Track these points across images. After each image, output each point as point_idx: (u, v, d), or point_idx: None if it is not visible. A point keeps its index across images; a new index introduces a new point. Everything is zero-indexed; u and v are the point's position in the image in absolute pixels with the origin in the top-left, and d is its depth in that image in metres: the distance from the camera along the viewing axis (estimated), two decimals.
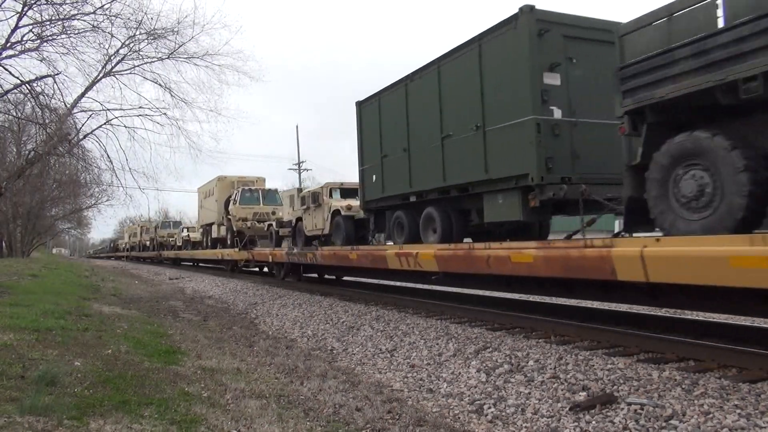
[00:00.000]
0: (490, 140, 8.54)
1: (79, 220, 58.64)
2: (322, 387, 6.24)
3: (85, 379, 5.30)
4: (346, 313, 10.93)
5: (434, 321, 9.27)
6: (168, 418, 4.46)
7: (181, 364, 6.82)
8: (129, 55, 18.06)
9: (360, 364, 7.67)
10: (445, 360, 7.05)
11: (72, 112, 17.63)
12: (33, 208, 38.21)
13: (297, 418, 4.97)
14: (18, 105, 17.82)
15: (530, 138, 7.73)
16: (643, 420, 4.54)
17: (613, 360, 6.05)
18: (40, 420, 3.98)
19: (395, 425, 4.99)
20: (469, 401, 5.64)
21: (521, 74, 7.90)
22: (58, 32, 15.35)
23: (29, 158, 20.06)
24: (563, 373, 5.88)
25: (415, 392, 6.17)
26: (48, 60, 15.58)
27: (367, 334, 9.05)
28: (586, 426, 4.65)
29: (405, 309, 10.83)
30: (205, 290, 19.11)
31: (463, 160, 9.19)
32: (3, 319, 7.93)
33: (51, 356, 6.13)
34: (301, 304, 12.89)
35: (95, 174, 21.36)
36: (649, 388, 5.12)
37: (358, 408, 5.46)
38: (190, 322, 11.38)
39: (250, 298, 15.42)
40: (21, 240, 43.24)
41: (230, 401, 5.33)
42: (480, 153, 8.70)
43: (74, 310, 10.22)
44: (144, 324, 10.07)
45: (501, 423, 5.06)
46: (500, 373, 6.22)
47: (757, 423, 4.23)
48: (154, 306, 13.96)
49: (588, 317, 8.68)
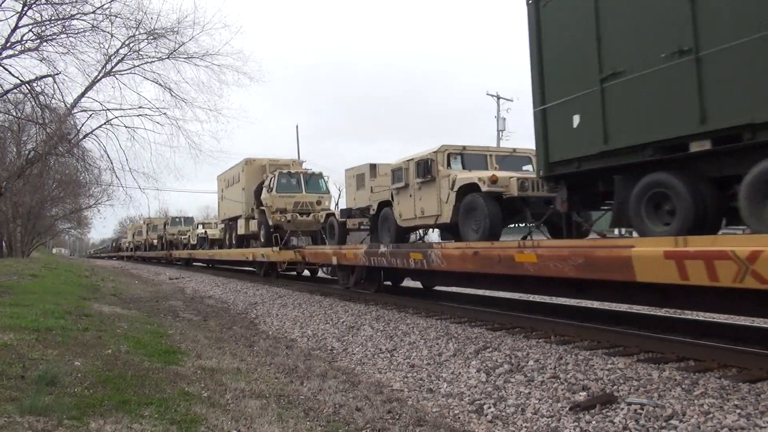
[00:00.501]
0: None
1: (79, 220, 58.64)
2: (322, 387, 6.24)
3: (85, 379, 5.30)
4: (346, 313, 10.93)
5: (434, 321, 9.27)
6: (168, 418, 4.46)
7: (181, 364, 6.82)
8: (129, 55, 18.14)
9: (360, 364, 7.67)
10: (445, 360, 7.05)
11: (72, 112, 17.67)
12: (33, 208, 38.23)
13: (297, 418, 4.97)
14: (18, 105, 17.86)
15: None
16: (643, 420, 4.54)
17: (613, 360, 6.05)
18: (40, 420, 3.98)
19: (395, 425, 4.99)
20: (469, 401, 5.64)
21: None
22: (57, 32, 15.41)
23: (29, 158, 20.09)
24: (563, 373, 5.89)
25: (415, 392, 6.17)
26: (48, 60, 15.63)
27: (367, 334, 9.05)
28: (586, 426, 4.66)
29: (405, 309, 10.83)
30: (205, 290, 19.10)
31: None
32: (3, 319, 7.93)
33: (51, 356, 6.13)
34: (301, 304, 12.89)
35: (95, 174, 21.43)
36: (649, 388, 5.12)
37: (358, 408, 5.46)
38: (190, 322, 11.38)
39: (250, 298, 15.41)
40: (21, 240, 43.25)
41: (230, 401, 5.33)
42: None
43: (74, 310, 10.21)
44: (144, 324, 10.07)
45: (501, 423, 5.06)
46: (500, 373, 6.22)
47: (757, 423, 4.23)
48: (154, 306, 13.95)
49: (588, 317, 8.69)
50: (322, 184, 19.33)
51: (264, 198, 18.95)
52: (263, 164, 20.68)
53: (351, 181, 14.57)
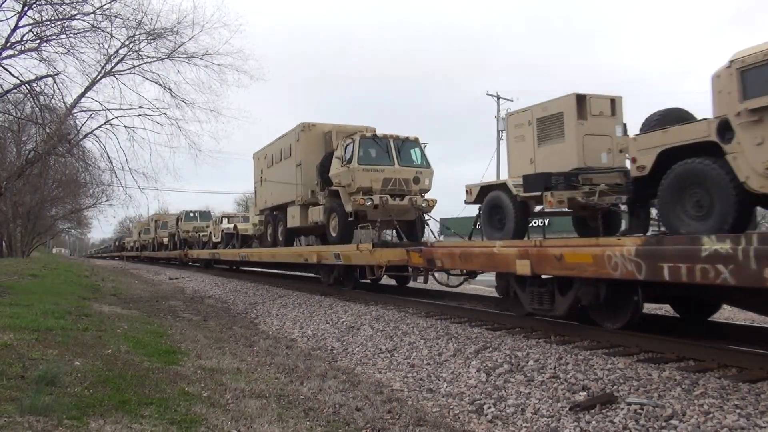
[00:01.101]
0: None
1: (79, 220, 58.55)
2: (322, 387, 6.24)
3: (85, 379, 5.30)
4: (346, 313, 10.93)
5: (434, 321, 9.26)
6: (168, 417, 4.47)
7: (181, 363, 6.82)
8: (129, 55, 18.10)
9: (360, 363, 7.67)
10: (445, 360, 7.05)
11: (72, 112, 17.65)
12: (33, 208, 38.25)
13: (297, 418, 4.97)
14: (18, 105, 17.84)
15: None
16: (643, 420, 4.54)
17: (613, 360, 6.05)
18: (40, 420, 3.98)
19: (395, 425, 4.99)
20: (469, 401, 5.64)
21: None
22: (57, 32, 15.37)
23: (29, 158, 20.07)
24: (563, 373, 5.88)
25: (415, 392, 6.17)
26: (48, 60, 15.60)
27: (367, 334, 9.05)
28: (586, 426, 4.66)
29: (405, 309, 10.83)
30: (205, 290, 19.10)
31: None
32: (3, 319, 7.93)
33: (51, 356, 6.13)
34: (301, 304, 12.88)
35: (95, 174, 21.42)
36: (649, 388, 5.12)
37: (358, 408, 5.46)
38: (190, 321, 11.38)
39: (250, 298, 15.41)
40: (21, 240, 43.25)
41: (230, 401, 5.33)
42: None
43: (74, 310, 10.21)
44: (144, 324, 10.07)
45: (501, 423, 5.06)
46: (500, 372, 6.22)
47: (757, 423, 4.23)
48: (154, 306, 13.95)
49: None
50: (417, 155, 13.44)
51: (336, 174, 13.20)
52: (327, 130, 15.07)
53: (521, 130, 9.27)
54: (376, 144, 13.01)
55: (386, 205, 12.48)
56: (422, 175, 13.04)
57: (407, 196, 12.83)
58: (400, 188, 12.80)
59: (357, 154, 12.63)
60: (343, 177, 12.95)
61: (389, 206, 12.53)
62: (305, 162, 14.96)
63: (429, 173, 13.20)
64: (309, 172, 14.82)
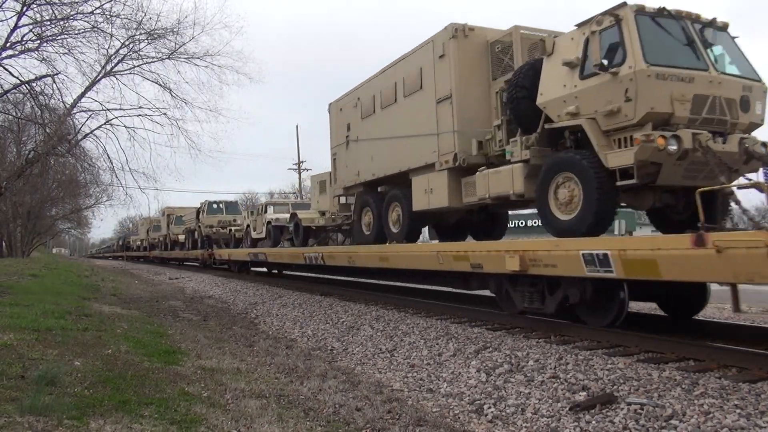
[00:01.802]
0: None
1: (79, 220, 58.51)
2: (322, 387, 6.24)
3: (85, 379, 5.30)
4: (346, 313, 10.93)
5: (434, 321, 9.26)
6: (168, 418, 4.46)
7: (181, 363, 6.82)
8: (129, 56, 18.14)
9: (360, 363, 7.67)
10: (445, 360, 7.05)
11: (72, 112, 17.67)
12: (33, 208, 38.24)
13: (297, 418, 4.97)
14: (18, 105, 17.86)
15: None
16: (643, 420, 4.54)
17: (613, 360, 6.05)
18: (40, 420, 3.98)
19: (395, 425, 4.99)
20: (469, 401, 5.64)
21: None
22: (57, 32, 15.39)
23: (29, 158, 20.10)
24: (563, 373, 5.88)
25: (415, 392, 6.17)
26: (47, 60, 15.64)
27: (367, 334, 9.05)
28: (586, 426, 4.66)
29: (405, 309, 10.83)
30: (205, 290, 19.10)
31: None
32: (3, 319, 7.93)
33: (51, 356, 6.13)
34: (301, 304, 12.89)
35: (95, 174, 21.44)
36: (649, 388, 5.12)
37: (358, 408, 5.46)
38: (190, 321, 11.38)
39: (250, 298, 15.41)
40: (21, 240, 43.24)
41: (230, 401, 5.33)
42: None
43: (74, 310, 10.21)
44: (144, 324, 10.07)
45: (501, 423, 5.06)
46: (500, 372, 6.22)
47: (757, 423, 4.23)
48: (154, 306, 13.95)
49: None
50: (735, 53, 7.18)
51: (571, 95, 7.03)
52: (497, 38, 9.18)
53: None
54: (666, 29, 6.68)
55: (707, 149, 6.18)
56: (752, 93, 6.86)
57: (732, 134, 6.61)
58: (721, 117, 6.57)
59: (637, 45, 6.35)
60: (593, 97, 6.74)
61: (711, 153, 6.19)
62: (461, 93, 9.13)
63: (761, 90, 7.02)
64: (469, 109, 9.16)
